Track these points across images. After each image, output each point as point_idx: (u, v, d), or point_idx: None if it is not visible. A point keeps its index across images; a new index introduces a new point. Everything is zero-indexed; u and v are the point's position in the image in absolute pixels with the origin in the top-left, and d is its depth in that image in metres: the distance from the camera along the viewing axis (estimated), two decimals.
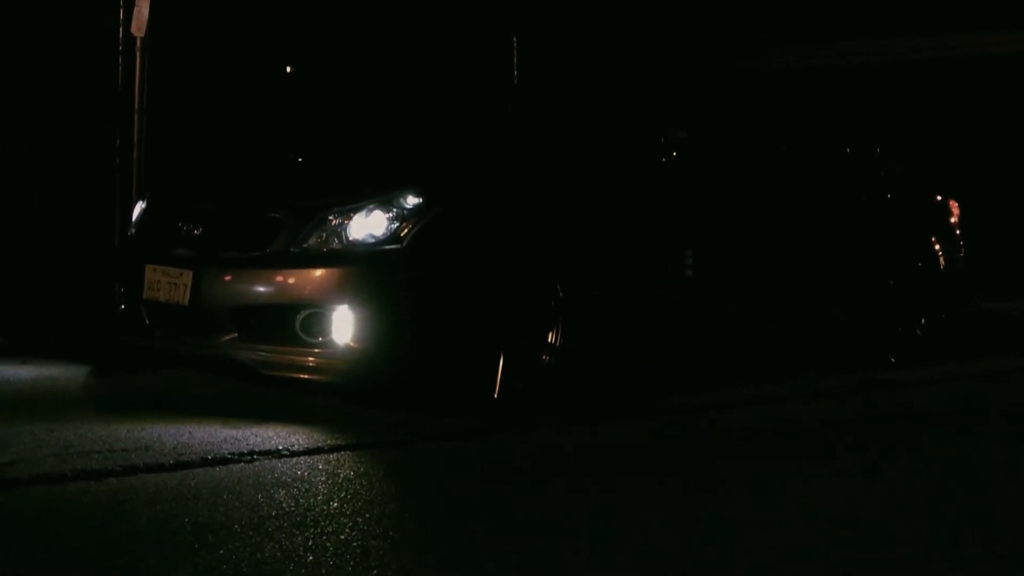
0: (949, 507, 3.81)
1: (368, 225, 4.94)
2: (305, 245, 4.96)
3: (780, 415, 5.44)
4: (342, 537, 3.21)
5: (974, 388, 6.48)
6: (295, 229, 4.99)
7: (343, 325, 4.85)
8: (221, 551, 3.04)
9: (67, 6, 7.63)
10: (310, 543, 3.14)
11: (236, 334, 5.01)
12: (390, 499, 3.69)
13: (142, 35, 7.18)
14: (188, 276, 5.08)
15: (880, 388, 6.25)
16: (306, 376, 4.93)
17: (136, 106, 7.31)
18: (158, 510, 3.40)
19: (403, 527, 3.34)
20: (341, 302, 4.84)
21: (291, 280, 4.93)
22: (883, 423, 5.43)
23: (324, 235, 4.95)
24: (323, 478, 3.87)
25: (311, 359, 4.90)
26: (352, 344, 4.84)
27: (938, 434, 5.16)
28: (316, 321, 4.89)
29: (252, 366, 4.98)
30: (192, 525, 3.25)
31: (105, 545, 3.06)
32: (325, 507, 3.51)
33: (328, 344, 4.87)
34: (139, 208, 5.89)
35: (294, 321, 4.91)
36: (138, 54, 7.28)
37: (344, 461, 4.14)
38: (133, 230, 5.82)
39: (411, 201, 4.98)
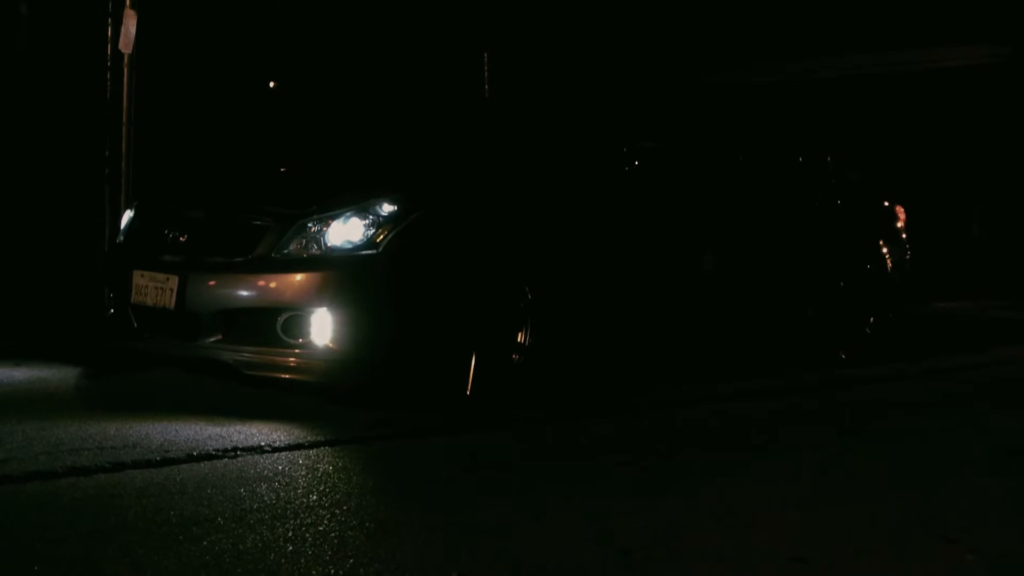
0: (898, 495, 3.84)
1: (345, 232, 4.95)
2: (286, 251, 4.96)
3: (736, 411, 5.47)
4: (321, 528, 3.21)
5: (919, 384, 6.53)
6: (276, 235, 4.99)
7: (322, 327, 4.86)
8: (205, 542, 3.04)
9: (59, 24, 7.61)
10: (290, 534, 3.15)
11: (220, 336, 5.00)
12: (367, 492, 3.70)
13: (129, 52, 7.17)
14: (174, 281, 5.08)
15: (831, 385, 6.30)
16: (287, 376, 4.93)
17: (124, 119, 7.30)
18: (145, 504, 3.40)
19: (379, 518, 3.35)
20: (320, 305, 4.85)
21: (272, 284, 4.92)
22: (835, 417, 5.46)
23: (304, 241, 4.96)
24: (303, 473, 3.88)
25: (292, 359, 4.90)
26: (331, 345, 4.85)
27: (886, 427, 5.20)
28: (296, 323, 4.90)
29: (236, 366, 4.98)
30: (178, 518, 3.26)
31: (95, 537, 3.06)
32: (305, 500, 3.52)
33: (308, 345, 4.88)
34: (127, 216, 5.88)
35: (275, 323, 4.91)
36: (125, 69, 7.26)
37: (323, 456, 4.14)
38: (121, 237, 5.80)
39: (387, 208, 4.99)
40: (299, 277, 4.88)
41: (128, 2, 7.19)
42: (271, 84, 9.41)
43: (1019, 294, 12.00)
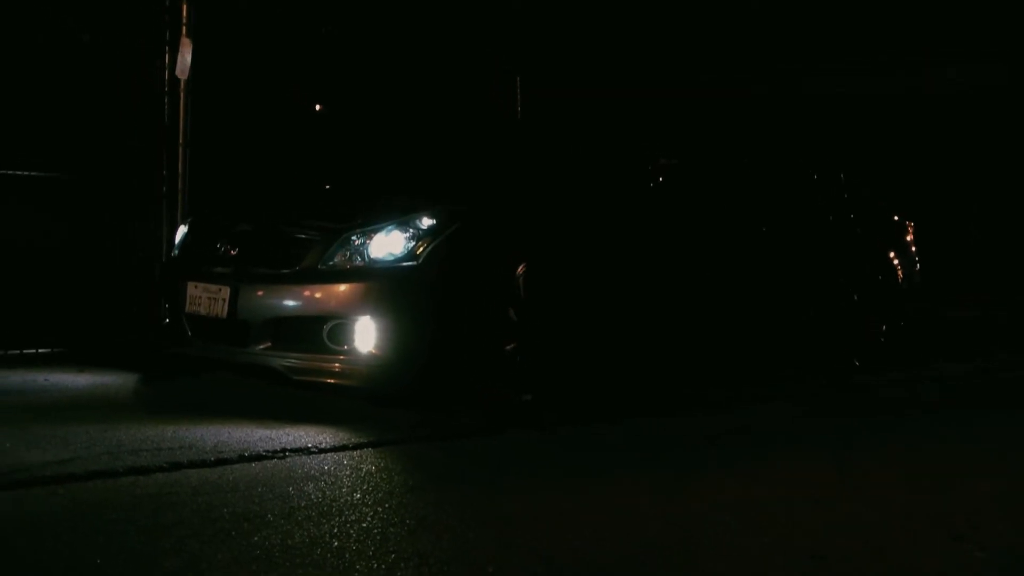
0: (910, 493, 3.82)
1: (387, 244, 4.98)
2: (331, 263, 4.98)
3: (757, 413, 5.45)
4: (364, 525, 3.22)
5: (930, 388, 6.49)
6: (322, 248, 5.02)
7: (366, 335, 4.88)
8: (255, 537, 3.05)
9: (119, 51, 7.67)
10: (335, 530, 3.15)
11: (269, 343, 5.02)
12: (408, 490, 3.70)
13: (185, 77, 7.22)
14: (226, 292, 5.11)
15: (846, 389, 6.27)
16: (333, 381, 4.95)
17: (181, 141, 7.35)
18: (200, 501, 3.41)
19: (419, 515, 3.35)
20: (364, 314, 4.87)
21: (319, 294, 4.95)
22: (851, 420, 5.43)
23: (348, 253, 4.98)
24: (348, 472, 3.89)
25: (337, 365, 4.92)
26: (374, 351, 4.87)
27: (898, 429, 5.17)
28: (341, 331, 4.91)
29: (284, 372, 4.99)
30: (230, 514, 3.27)
31: (153, 532, 3.08)
32: (349, 498, 3.52)
33: (352, 352, 4.90)
34: (181, 232, 5.92)
35: (322, 331, 4.93)
36: (182, 94, 7.32)
37: (367, 457, 4.15)
38: (176, 251, 5.85)
39: (426, 222, 5.02)
40: (344, 287, 4.91)
41: (184, 31, 7.25)
42: (317, 107, 9.44)
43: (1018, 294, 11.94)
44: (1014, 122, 13.47)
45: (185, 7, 7.21)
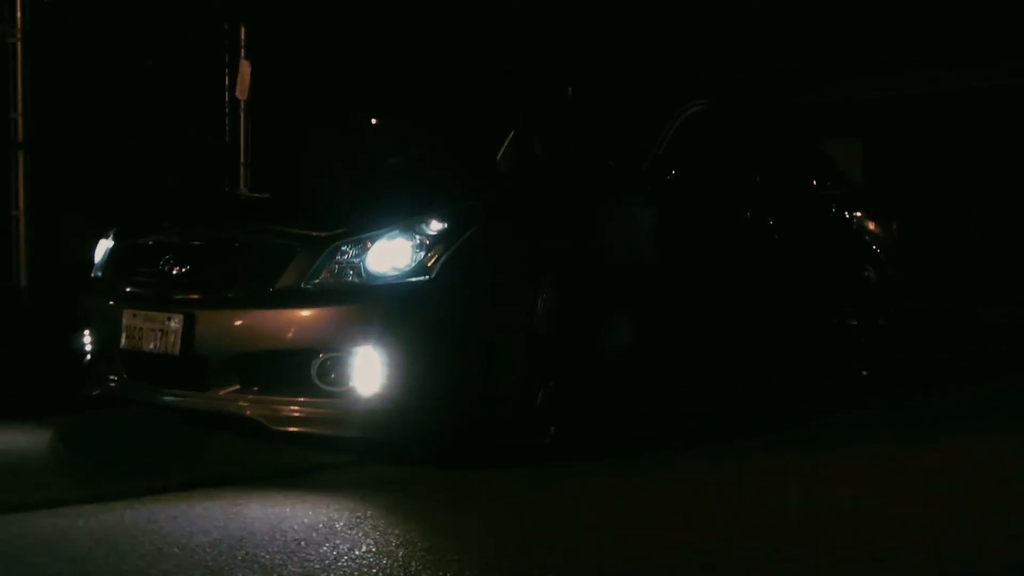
0: (960, 493, 3.83)
1: (388, 255, 4.02)
2: (317, 280, 4.01)
3: (792, 415, 5.38)
4: (430, 533, 3.29)
5: (957, 386, 6.46)
6: (305, 263, 4.03)
7: (367, 371, 3.91)
8: (324, 547, 3.13)
9: (182, 74, 7.81)
10: (401, 539, 3.22)
11: (237, 385, 4.07)
12: (464, 508, 3.70)
13: (245, 98, 7.35)
14: (178, 320, 4.10)
15: (866, 390, 6.19)
16: (325, 431, 4.01)
17: (242, 159, 7.48)
18: (269, 513, 3.49)
19: (487, 523, 3.42)
20: (363, 344, 3.90)
21: (303, 321, 3.95)
22: (893, 418, 5.40)
23: (338, 268, 4.02)
24: (414, 484, 3.93)
25: (330, 411, 3.97)
26: (380, 392, 3.93)
27: (942, 429, 5.15)
28: (334, 367, 3.95)
29: (259, 421, 4.02)
30: (299, 525, 3.34)
31: (223, 545, 3.15)
32: (415, 508, 3.59)
33: (350, 394, 3.94)
34: (104, 247, 4.75)
35: (308, 368, 3.97)
36: (242, 114, 7.45)
37: (428, 471, 4.12)
38: (98, 272, 4.73)
39: (435, 226, 4.06)
40: (334, 311, 3.93)
41: (242, 52, 7.39)
42: (373, 121, 9.51)
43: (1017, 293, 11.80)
44: (1014, 121, 13.46)
45: (243, 30, 7.36)
